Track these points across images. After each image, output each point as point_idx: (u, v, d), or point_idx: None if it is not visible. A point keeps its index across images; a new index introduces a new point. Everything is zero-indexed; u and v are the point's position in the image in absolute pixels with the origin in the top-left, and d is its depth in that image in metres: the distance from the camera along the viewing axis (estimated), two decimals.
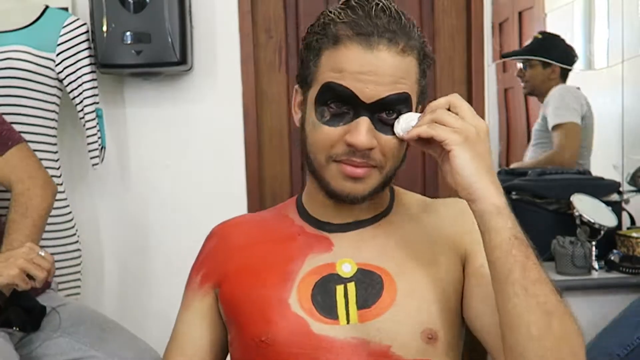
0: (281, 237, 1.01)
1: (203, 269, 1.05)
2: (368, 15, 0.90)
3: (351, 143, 0.90)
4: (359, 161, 0.91)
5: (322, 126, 0.92)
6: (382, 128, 0.91)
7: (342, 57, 0.90)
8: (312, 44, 0.94)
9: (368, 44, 0.89)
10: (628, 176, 2.24)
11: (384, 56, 0.89)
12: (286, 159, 2.27)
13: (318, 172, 0.95)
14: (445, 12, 2.29)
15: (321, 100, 0.92)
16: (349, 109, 0.91)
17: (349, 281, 0.94)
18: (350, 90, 0.89)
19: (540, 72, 2.53)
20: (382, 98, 0.89)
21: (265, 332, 0.92)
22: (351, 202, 0.94)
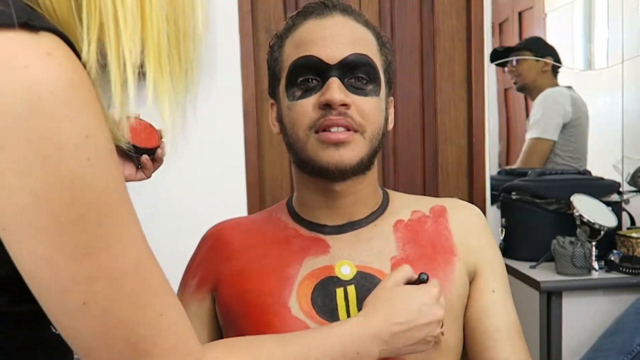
0: (277, 240, 1.00)
1: (199, 272, 1.04)
2: (320, 3, 0.97)
3: (324, 100, 0.89)
4: (337, 118, 0.89)
5: (294, 103, 0.93)
6: (354, 91, 0.92)
7: (301, 33, 0.95)
8: (275, 44, 0.99)
9: (322, 15, 0.95)
10: (628, 176, 2.24)
11: (338, 20, 0.94)
12: (286, 159, 2.27)
13: (302, 153, 0.93)
14: (445, 12, 2.29)
15: (290, 81, 0.94)
16: (318, 80, 0.92)
17: (348, 284, 0.93)
18: (314, 56, 0.91)
19: (533, 64, 2.54)
20: (345, 57, 0.91)
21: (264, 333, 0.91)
22: (341, 174, 0.92)
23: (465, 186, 2.34)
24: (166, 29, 0.60)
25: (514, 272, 1.97)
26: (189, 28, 0.62)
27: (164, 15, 0.59)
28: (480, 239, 1.00)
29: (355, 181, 0.95)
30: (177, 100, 0.64)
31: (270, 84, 1.00)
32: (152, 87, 0.62)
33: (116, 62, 0.60)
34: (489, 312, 0.97)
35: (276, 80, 0.98)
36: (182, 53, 0.63)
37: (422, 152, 2.34)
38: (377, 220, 1.00)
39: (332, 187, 0.95)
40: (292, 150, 0.96)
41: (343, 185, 0.95)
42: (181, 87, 0.65)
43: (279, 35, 0.99)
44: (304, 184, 0.99)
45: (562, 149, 2.49)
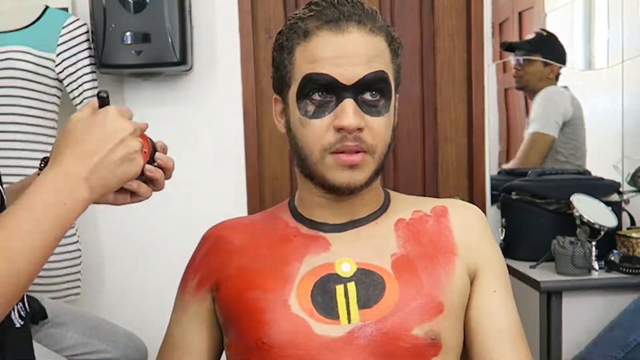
0: (277, 239, 1.01)
1: (199, 272, 1.04)
2: (332, 4, 0.94)
3: (340, 126, 0.90)
4: (352, 144, 0.91)
5: (308, 121, 0.93)
6: (367, 110, 0.93)
7: (316, 46, 0.93)
8: (283, 44, 0.97)
9: (338, 29, 0.92)
10: (628, 176, 2.24)
11: (355, 37, 0.92)
12: (286, 159, 2.27)
13: (314, 168, 0.95)
14: (445, 12, 2.29)
15: (302, 94, 0.94)
16: (331, 97, 0.92)
17: (348, 281, 0.94)
18: (329, 76, 0.91)
19: (539, 69, 2.54)
20: (361, 78, 0.91)
21: (266, 334, 0.91)
22: (350, 192, 0.95)
23: (465, 186, 2.34)
24: None
25: (514, 272, 1.97)
26: None
27: None
28: (481, 239, 1.01)
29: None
30: None
31: (277, 82, 1.00)
32: None
33: None
34: (490, 313, 0.97)
35: (285, 84, 0.97)
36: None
37: (422, 152, 2.34)
38: (379, 219, 1.01)
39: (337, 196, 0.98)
40: (301, 162, 0.97)
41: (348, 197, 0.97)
42: None
43: (289, 37, 0.96)
44: (308, 187, 1.00)
45: (563, 147, 2.49)
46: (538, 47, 2.54)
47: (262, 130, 2.25)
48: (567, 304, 1.86)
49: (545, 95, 2.52)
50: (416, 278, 0.94)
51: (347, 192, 0.95)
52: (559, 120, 2.48)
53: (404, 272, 0.94)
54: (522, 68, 2.55)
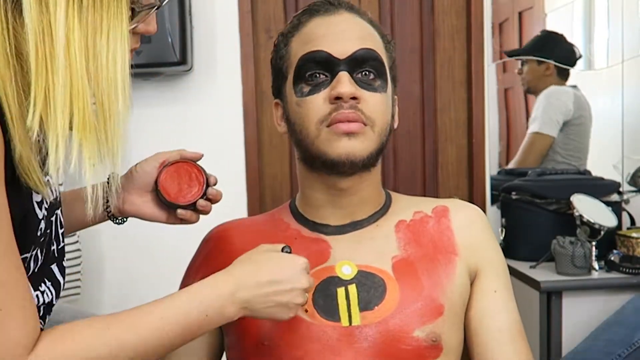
0: (278, 241, 1.00)
1: (200, 273, 1.04)
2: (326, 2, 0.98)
3: (336, 93, 0.91)
4: (349, 112, 0.91)
5: (304, 99, 0.94)
6: (362, 85, 0.93)
7: (309, 30, 0.96)
8: (280, 42, 1.00)
9: (328, 12, 0.96)
10: (628, 176, 2.24)
11: (346, 17, 0.96)
12: (286, 159, 2.27)
13: (312, 147, 0.94)
14: (445, 12, 2.29)
15: (298, 77, 0.95)
16: (326, 74, 0.93)
17: (349, 283, 0.94)
18: (323, 51, 0.93)
19: (535, 68, 2.54)
20: (354, 52, 0.93)
21: (266, 336, 0.91)
22: (352, 165, 0.93)
23: (465, 186, 2.34)
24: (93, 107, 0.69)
25: (514, 272, 1.97)
26: (113, 108, 0.72)
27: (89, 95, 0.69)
28: (482, 239, 1.01)
29: (360, 178, 0.96)
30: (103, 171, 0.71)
31: (275, 84, 1.01)
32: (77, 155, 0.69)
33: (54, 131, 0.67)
34: (490, 313, 0.97)
35: (282, 78, 0.99)
36: (109, 130, 0.71)
37: (422, 152, 2.34)
38: (380, 221, 1.00)
39: (339, 184, 0.96)
40: (300, 147, 0.97)
41: (349, 181, 0.96)
42: (108, 159, 0.71)
43: (284, 33, 0.99)
44: (310, 182, 1.00)
45: (562, 147, 2.49)
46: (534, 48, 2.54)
47: (262, 130, 2.25)
48: (567, 304, 1.86)
49: (547, 94, 2.52)
50: (417, 280, 0.94)
51: (348, 165, 0.92)
52: (559, 119, 2.48)
53: (404, 275, 0.94)
54: (522, 71, 2.57)
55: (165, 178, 0.98)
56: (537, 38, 2.56)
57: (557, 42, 2.56)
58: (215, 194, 1.00)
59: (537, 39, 2.55)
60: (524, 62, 2.55)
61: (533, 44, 2.55)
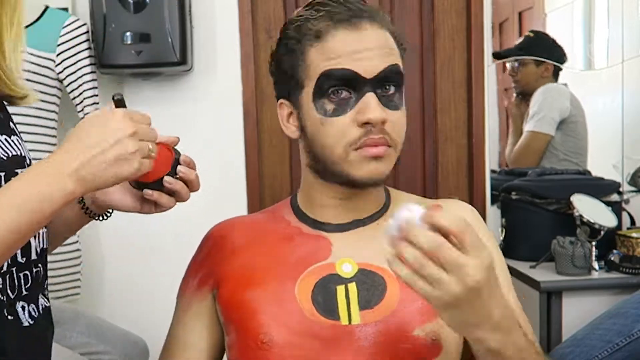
0: (279, 239, 1.01)
1: (200, 271, 1.04)
2: (340, 4, 0.94)
3: (367, 120, 0.91)
4: (378, 137, 0.91)
5: (329, 119, 0.93)
6: (386, 104, 0.93)
7: (333, 44, 0.93)
8: (293, 47, 0.96)
9: (353, 26, 0.93)
10: (628, 176, 2.24)
11: (370, 33, 0.93)
12: (286, 159, 2.27)
13: (336, 167, 0.94)
14: (445, 12, 2.29)
15: (320, 92, 0.93)
16: (351, 93, 0.92)
17: (349, 281, 0.94)
18: (350, 70, 0.91)
19: (533, 70, 2.54)
20: (381, 71, 0.92)
21: (266, 334, 0.91)
22: (372, 184, 0.95)
23: (465, 186, 2.34)
24: None
25: (514, 272, 1.97)
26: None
27: None
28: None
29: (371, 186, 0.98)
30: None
31: (284, 86, 0.99)
32: None
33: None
34: None
35: (296, 85, 0.96)
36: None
37: (422, 152, 2.33)
38: (380, 219, 1.01)
39: (349, 191, 0.97)
40: (318, 161, 0.96)
41: (361, 191, 0.98)
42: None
43: (299, 39, 0.95)
44: (317, 187, 1.00)
45: (561, 145, 2.49)
46: (528, 50, 2.54)
47: (262, 130, 2.25)
48: (567, 304, 1.86)
49: (543, 92, 2.52)
50: None
51: (369, 185, 0.95)
52: (555, 117, 2.48)
53: None
54: (517, 72, 2.56)
55: None
56: (527, 38, 2.56)
57: (547, 42, 2.56)
58: (187, 172, 0.94)
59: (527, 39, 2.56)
60: (520, 63, 2.55)
61: (524, 44, 2.55)
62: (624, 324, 1.62)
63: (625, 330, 1.59)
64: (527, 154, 2.50)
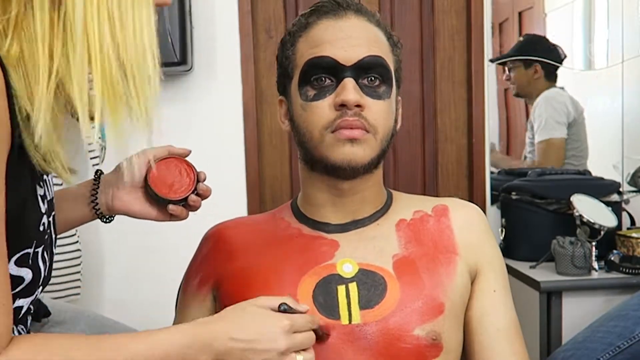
0: (279, 239, 1.01)
1: (200, 272, 1.04)
2: (334, 2, 0.98)
3: (340, 101, 0.92)
4: (353, 119, 0.92)
5: (309, 104, 0.94)
6: (367, 92, 0.94)
7: (316, 33, 0.95)
8: (286, 41, 0.99)
9: (337, 15, 0.96)
10: (628, 176, 2.24)
11: (353, 22, 0.96)
12: (286, 159, 2.27)
13: (315, 151, 0.95)
14: (445, 12, 2.29)
15: (304, 80, 0.95)
16: (332, 80, 0.94)
17: (350, 281, 0.94)
18: (329, 57, 0.93)
19: (523, 73, 2.54)
20: (361, 59, 0.93)
21: None
22: (352, 171, 0.94)
23: (465, 186, 2.34)
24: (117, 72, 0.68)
25: (514, 272, 1.97)
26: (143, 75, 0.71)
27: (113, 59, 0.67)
28: (482, 239, 1.01)
29: (362, 180, 0.97)
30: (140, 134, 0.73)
31: (281, 81, 1.01)
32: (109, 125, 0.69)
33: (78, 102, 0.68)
34: (490, 312, 0.97)
35: (288, 78, 0.99)
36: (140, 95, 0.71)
37: (422, 152, 2.33)
38: (381, 220, 1.01)
39: (340, 185, 0.97)
40: (303, 149, 0.98)
41: (350, 183, 0.97)
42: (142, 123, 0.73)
43: (291, 33, 0.99)
44: (311, 182, 1.00)
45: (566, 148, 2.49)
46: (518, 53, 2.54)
47: (262, 130, 2.25)
48: (567, 304, 1.86)
49: (547, 99, 2.51)
50: (417, 278, 0.94)
51: (349, 170, 0.94)
52: (563, 119, 2.48)
53: (405, 273, 0.94)
54: (510, 77, 2.56)
55: (156, 174, 0.97)
56: (520, 42, 2.56)
57: (541, 44, 2.56)
58: (205, 189, 1.01)
59: (520, 43, 2.56)
60: (511, 68, 2.55)
61: (517, 48, 2.56)
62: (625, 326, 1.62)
63: (626, 332, 1.59)
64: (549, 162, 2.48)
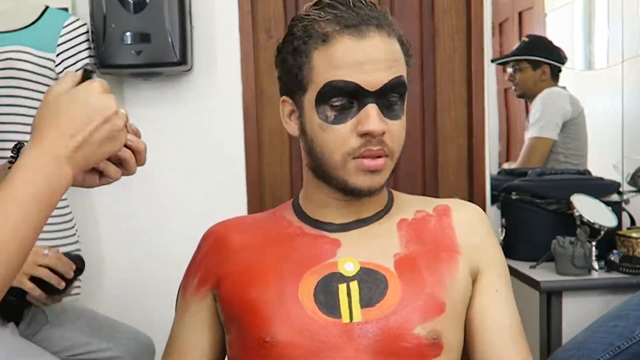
0: (280, 238, 1.01)
1: (200, 271, 1.04)
2: (349, 7, 0.93)
3: (366, 132, 0.91)
4: (376, 149, 0.92)
5: (330, 126, 0.93)
6: (387, 114, 0.93)
7: (337, 52, 0.92)
8: (299, 48, 0.95)
9: (359, 34, 0.91)
10: (628, 176, 2.24)
11: (376, 42, 0.92)
12: (286, 159, 2.27)
13: (334, 173, 0.95)
14: (445, 12, 2.29)
15: (322, 100, 0.93)
16: (353, 102, 0.92)
17: (351, 280, 0.94)
18: (354, 83, 0.91)
19: (530, 75, 2.54)
20: (385, 84, 0.92)
21: (268, 332, 0.91)
22: (369, 195, 0.96)
23: (465, 186, 2.34)
24: None
25: (514, 272, 1.97)
26: None
27: None
28: (484, 238, 1.01)
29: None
30: None
31: (288, 86, 0.99)
32: None
33: None
34: (492, 312, 0.97)
35: (299, 88, 0.96)
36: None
37: (422, 152, 2.34)
38: (382, 219, 1.01)
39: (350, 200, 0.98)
40: (318, 166, 0.97)
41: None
42: None
43: (304, 40, 0.94)
44: (318, 188, 1.00)
45: (563, 147, 2.49)
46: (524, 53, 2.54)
47: (262, 130, 2.25)
48: (567, 304, 1.86)
49: (544, 97, 2.52)
50: (419, 277, 0.94)
51: (367, 195, 0.96)
52: (559, 122, 2.48)
53: (406, 272, 0.94)
54: (515, 77, 2.56)
55: None
56: (523, 42, 2.56)
57: (544, 44, 2.56)
58: (135, 141, 0.85)
59: (523, 44, 2.56)
60: (517, 69, 2.55)
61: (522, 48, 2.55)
62: (625, 326, 1.62)
63: (626, 332, 1.59)
64: (531, 159, 2.50)
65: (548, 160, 2.50)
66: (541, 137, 2.48)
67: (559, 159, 2.49)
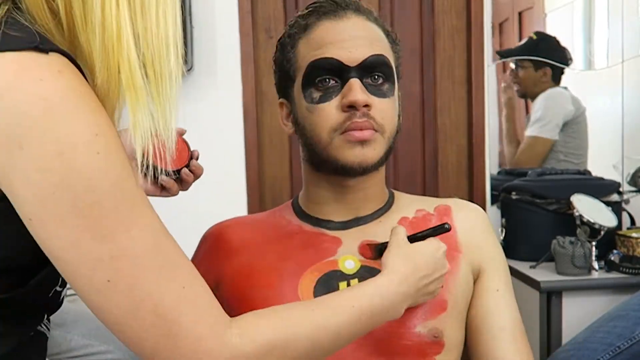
0: (280, 237, 1.01)
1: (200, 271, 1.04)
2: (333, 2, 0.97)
3: (348, 102, 0.91)
4: (362, 121, 0.92)
5: (315, 106, 0.94)
6: (372, 91, 0.94)
7: (317, 35, 0.95)
8: (285, 42, 0.99)
9: (337, 16, 0.95)
10: (628, 176, 2.24)
11: (354, 22, 0.95)
12: (286, 159, 2.27)
13: (324, 153, 0.95)
14: (445, 12, 2.29)
15: (307, 82, 0.94)
16: (337, 80, 0.93)
17: (352, 278, 0.94)
18: (334, 59, 0.92)
19: (532, 74, 2.54)
20: (365, 59, 0.93)
21: None
22: (362, 171, 0.95)
23: (465, 186, 2.34)
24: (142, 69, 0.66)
25: (514, 272, 1.97)
26: (164, 69, 0.68)
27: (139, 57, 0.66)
28: (484, 238, 1.01)
29: (367, 176, 0.98)
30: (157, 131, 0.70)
31: (281, 84, 1.01)
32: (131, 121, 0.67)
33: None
34: (493, 312, 0.97)
35: (289, 80, 0.98)
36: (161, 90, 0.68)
37: (422, 152, 2.34)
38: (383, 217, 1.01)
39: (345, 182, 0.97)
40: (310, 150, 0.97)
41: (355, 180, 0.97)
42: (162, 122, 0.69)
43: (290, 35, 0.98)
44: (315, 181, 1.00)
45: (563, 147, 2.49)
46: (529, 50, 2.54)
47: (262, 130, 2.25)
48: (567, 304, 1.86)
49: (546, 97, 2.51)
50: None
51: (359, 171, 0.94)
52: (559, 122, 2.48)
53: None
54: (517, 75, 2.56)
55: None
56: (530, 40, 2.55)
57: (551, 44, 2.55)
58: (197, 167, 1.04)
59: (530, 41, 2.55)
60: (519, 66, 2.55)
61: (526, 45, 2.55)
62: (625, 326, 1.62)
63: (626, 332, 1.59)
64: (529, 158, 2.50)
65: (548, 158, 2.49)
66: (540, 137, 2.48)
67: (558, 157, 2.49)
